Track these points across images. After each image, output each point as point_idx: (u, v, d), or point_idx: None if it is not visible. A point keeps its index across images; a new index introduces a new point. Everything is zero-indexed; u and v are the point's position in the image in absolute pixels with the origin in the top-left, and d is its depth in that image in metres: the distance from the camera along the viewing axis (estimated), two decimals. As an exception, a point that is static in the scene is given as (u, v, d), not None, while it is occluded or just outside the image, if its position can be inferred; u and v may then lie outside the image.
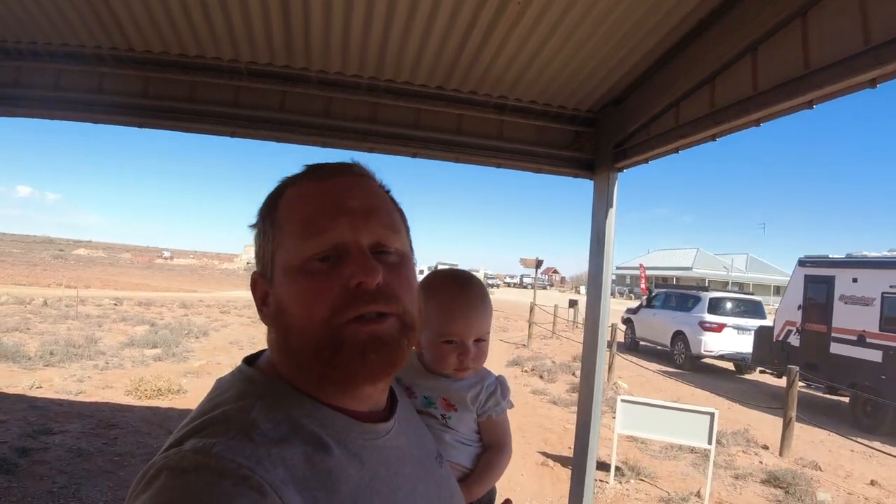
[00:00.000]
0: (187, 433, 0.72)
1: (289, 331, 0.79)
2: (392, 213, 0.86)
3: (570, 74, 3.00)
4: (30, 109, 3.23)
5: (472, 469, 1.29)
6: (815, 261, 12.68)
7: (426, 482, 0.88)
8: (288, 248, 0.80)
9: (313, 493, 0.69)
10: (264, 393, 0.78)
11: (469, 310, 1.29)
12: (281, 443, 0.71)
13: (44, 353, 10.71)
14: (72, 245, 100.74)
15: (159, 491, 0.64)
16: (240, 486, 0.64)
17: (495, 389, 1.32)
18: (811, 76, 2.03)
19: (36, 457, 5.76)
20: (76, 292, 21.56)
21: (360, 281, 0.76)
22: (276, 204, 0.85)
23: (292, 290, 0.78)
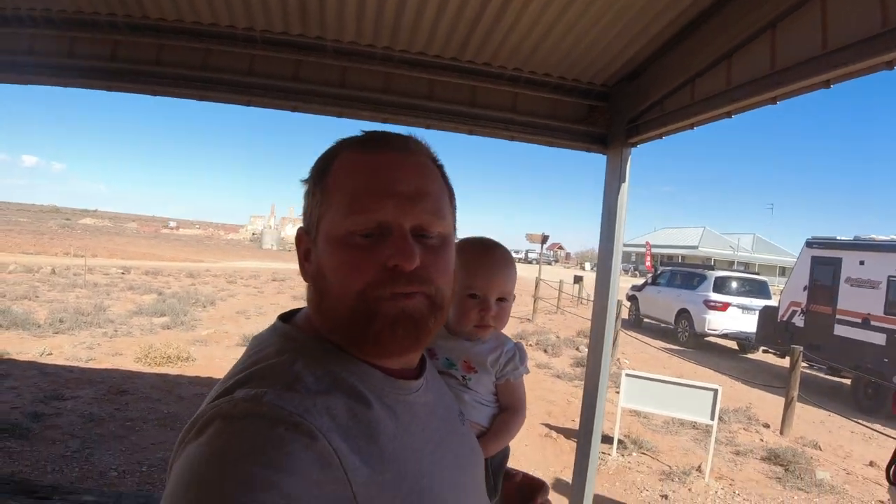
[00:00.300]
0: (234, 384, 0.75)
1: (325, 295, 0.82)
2: (440, 196, 0.87)
3: (586, 48, 2.98)
4: (44, 77, 3.23)
5: (488, 428, 1.34)
6: (822, 242, 12.65)
7: (451, 437, 0.92)
8: (333, 217, 0.82)
9: (356, 442, 0.72)
10: (304, 348, 0.81)
11: (493, 266, 1.34)
12: (324, 394, 0.74)
13: (53, 320, 10.82)
14: (78, 214, 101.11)
15: (213, 437, 0.67)
16: (292, 432, 0.67)
17: (514, 355, 1.37)
18: (829, 56, 2.03)
19: (48, 422, 5.85)
20: (84, 261, 21.72)
21: (398, 263, 0.79)
22: (328, 168, 0.86)
23: (333, 260, 0.81)
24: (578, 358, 11.63)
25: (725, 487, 5.89)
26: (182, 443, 0.72)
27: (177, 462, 0.70)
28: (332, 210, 0.82)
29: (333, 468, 0.68)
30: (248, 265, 34.13)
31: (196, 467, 0.65)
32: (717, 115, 2.66)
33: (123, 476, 4.80)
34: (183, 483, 0.64)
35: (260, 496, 0.61)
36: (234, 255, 44.51)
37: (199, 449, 0.67)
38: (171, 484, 0.67)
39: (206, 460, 0.65)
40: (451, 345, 1.34)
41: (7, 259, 23.23)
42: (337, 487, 0.67)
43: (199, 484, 0.63)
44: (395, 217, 0.81)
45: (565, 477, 5.52)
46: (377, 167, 0.83)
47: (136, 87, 3.19)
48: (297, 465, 0.65)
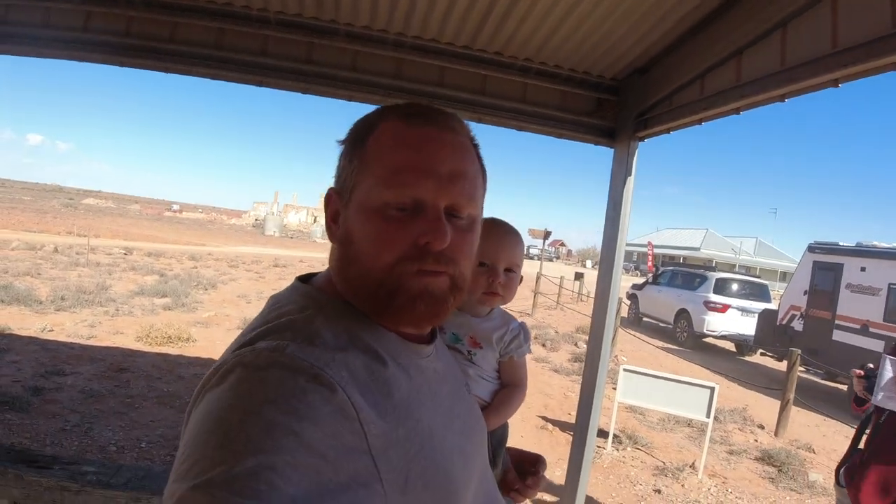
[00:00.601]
0: (256, 336, 0.77)
1: (352, 261, 0.84)
2: (475, 178, 0.89)
3: (598, 41, 3.00)
4: (58, 50, 3.24)
5: (489, 403, 1.37)
6: (824, 247, 12.66)
7: (459, 404, 0.95)
8: (370, 186, 0.83)
9: (373, 397, 0.74)
10: (324, 307, 0.83)
11: (502, 237, 1.40)
12: (342, 350, 0.77)
13: (55, 297, 10.85)
14: (81, 194, 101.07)
15: (235, 384, 0.69)
16: (312, 383, 0.69)
17: (519, 333, 1.40)
18: (838, 55, 2.05)
19: (48, 396, 5.89)
20: (87, 241, 21.73)
21: (429, 242, 0.81)
22: (368, 134, 0.86)
23: (365, 229, 0.83)
24: (577, 353, 11.67)
25: (718, 485, 5.93)
26: (202, 389, 0.74)
27: (197, 407, 0.72)
28: (370, 179, 0.83)
29: (350, 420, 0.70)
30: (250, 250, 34.17)
31: (219, 412, 0.67)
32: (726, 111, 2.67)
33: (122, 451, 4.84)
34: (205, 427, 0.66)
35: (281, 442, 0.63)
36: (236, 240, 44.53)
37: (222, 395, 0.69)
38: (191, 428, 0.69)
39: (230, 405, 0.67)
40: (458, 320, 1.38)
41: (10, 236, 23.27)
42: (353, 439, 0.69)
43: (222, 428, 0.65)
44: (432, 196, 0.82)
45: (560, 468, 5.57)
46: (420, 143, 0.84)
47: (149, 64, 3.20)
48: (316, 415, 0.67)
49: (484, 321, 1.39)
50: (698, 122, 2.90)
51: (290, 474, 0.61)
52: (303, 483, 0.62)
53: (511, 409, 1.40)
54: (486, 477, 0.98)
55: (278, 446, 0.62)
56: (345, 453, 0.68)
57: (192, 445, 0.65)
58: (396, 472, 0.73)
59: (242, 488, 0.59)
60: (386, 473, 0.71)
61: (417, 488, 0.75)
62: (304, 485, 0.62)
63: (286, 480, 0.61)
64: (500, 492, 1.04)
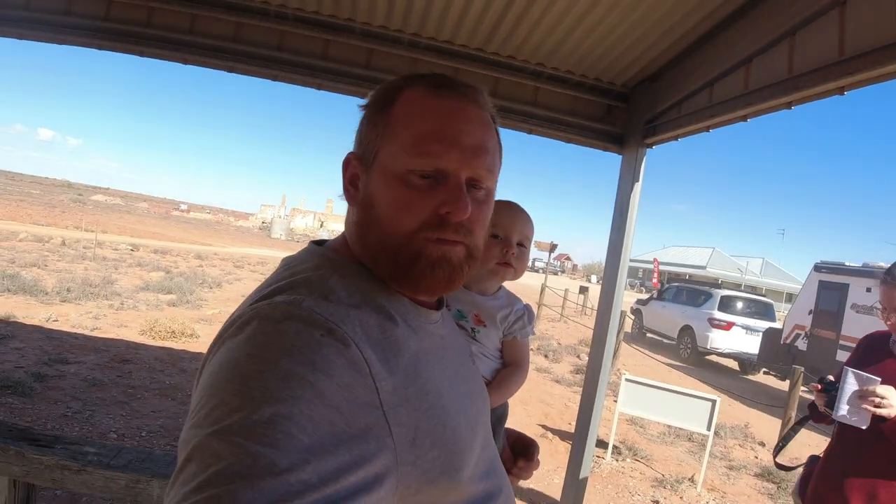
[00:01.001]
0: (272, 291, 0.79)
1: (373, 225, 0.86)
2: (495, 153, 0.91)
3: (609, 48, 3.04)
4: (76, 38, 3.29)
5: (490, 381, 1.39)
6: (830, 267, 12.62)
7: (464, 370, 0.97)
8: (395, 152, 0.85)
9: (384, 354, 0.76)
10: (338, 267, 0.86)
11: (515, 211, 1.43)
12: (356, 308, 0.79)
13: (61, 289, 10.91)
14: (90, 190, 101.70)
15: (253, 334, 0.71)
16: (327, 337, 0.71)
17: (523, 314, 1.42)
18: (844, 63, 2.08)
19: (51, 383, 5.92)
20: (94, 236, 21.86)
21: (451, 212, 0.83)
22: (393, 100, 0.88)
23: (389, 194, 0.85)
24: (578, 365, 11.65)
25: (717, 498, 5.91)
26: (219, 340, 0.76)
27: (213, 357, 0.74)
28: (395, 145, 0.85)
29: (363, 375, 0.72)
30: (256, 252, 34.27)
31: (237, 361, 0.69)
32: (734, 118, 2.70)
33: (122, 439, 4.87)
34: (223, 376, 0.68)
35: (297, 392, 0.65)
36: (242, 242, 44.67)
37: (239, 345, 0.71)
38: (208, 377, 0.70)
39: (247, 355, 0.69)
40: (464, 297, 1.40)
41: (18, 228, 23.42)
42: (365, 393, 0.71)
43: (240, 376, 0.66)
44: (455, 167, 0.84)
45: (559, 476, 5.56)
46: (447, 114, 0.86)
47: (167, 55, 3.26)
48: (331, 368, 0.69)
49: (490, 300, 1.41)
50: (706, 129, 2.93)
51: (306, 424, 0.63)
52: (317, 433, 0.64)
53: (512, 387, 1.42)
54: (489, 444, 0.99)
55: (295, 396, 0.64)
56: (357, 406, 0.69)
57: (209, 393, 0.67)
58: (406, 427, 0.75)
59: (260, 435, 0.60)
60: (396, 428, 0.73)
61: (426, 445, 0.77)
62: (318, 434, 0.64)
63: (301, 429, 0.63)
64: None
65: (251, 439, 0.60)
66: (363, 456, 0.67)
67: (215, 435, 0.62)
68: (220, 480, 0.58)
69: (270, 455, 0.59)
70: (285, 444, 0.61)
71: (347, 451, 0.66)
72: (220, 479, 0.58)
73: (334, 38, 3.22)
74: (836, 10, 2.12)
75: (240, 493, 0.57)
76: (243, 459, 0.59)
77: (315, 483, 0.61)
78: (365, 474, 0.67)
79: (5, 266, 12.64)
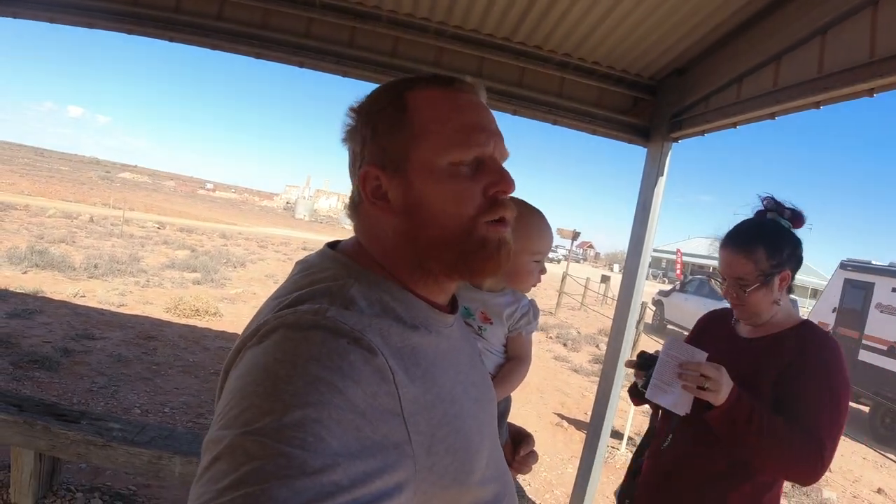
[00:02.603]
0: (295, 300, 0.80)
1: (427, 226, 0.86)
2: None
3: (637, 40, 3.01)
4: (108, 23, 3.33)
5: (494, 376, 1.43)
6: (856, 265, 12.41)
7: (474, 373, 0.99)
8: (435, 149, 0.86)
9: (404, 362, 0.78)
10: (359, 275, 0.86)
11: (550, 233, 1.47)
12: (377, 317, 0.80)
13: (88, 265, 11.12)
14: (118, 168, 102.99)
15: (280, 341, 0.72)
16: (353, 345, 0.72)
17: (529, 310, 1.46)
18: (875, 65, 2.05)
19: (77, 358, 6.07)
20: (122, 213, 22.20)
21: (501, 189, 0.87)
22: (403, 103, 0.89)
23: (440, 189, 0.86)
24: (597, 355, 11.63)
25: (730, 494, 5.91)
26: (242, 349, 0.77)
27: (238, 365, 0.75)
28: (432, 142, 0.86)
29: (388, 382, 0.73)
30: (280, 232, 34.58)
31: (265, 366, 0.70)
32: (761, 115, 2.67)
33: (146, 415, 4.99)
34: (252, 379, 0.69)
35: (326, 396, 0.66)
36: (266, 222, 45.04)
37: (266, 351, 0.72)
38: (235, 382, 0.71)
39: (276, 360, 0.69)
40: (470, 295, 1.43)
41: (47, 204, 23.88)
42: (389, 401, 0.73)
43: (270, 380, 0.67)
44: (491, 150, 0.89)
45: (572, 465, 5.59)
46: (470, 106, 0.90)
47: (195, 40, 3.29)
48: (358, 374, 0.70)
49: (496, 296, 1.43)
50: (733, 125, 2.90)
51: (334, 428, 0.65)
52: (345, 437, 0.65)
53: (516, 381, 1.45)
54: (496, 445, 1.01)
55: (324, 401, 0.66)
56: (381, 413, 0.71)
57: (239, 396, 0.68)
58: (423, 435, 0.76)
59: (291, 438, 0.62)
60: (415, 436, 0.75)
61: (440, 452, 0.79)
62: (346, 439, 0.65)
63: (331, 433, 0.64)
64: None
65: (282, 441, 0.61)
66: (387, 462, 0.69)
67: (247, 436, 0.63)
68: (255, 479, 0.59)
69: (302, 456, 0.61)
70: (316, 447, 0.62)
71: (373, 458, 0.67)
72: (255, 477, 0.59)
73: (361, 25, 3.23)
74: (868, 11, 2.09)
75: (274, 491, 0.58)
76: (276, 459, 0.60)
77: (346, 485, 0.62)
78: (389, 480, 0.68)
79: (34, 242, 12.91)
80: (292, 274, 0.91)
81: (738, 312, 1.85)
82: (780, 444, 1.58)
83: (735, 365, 1.68)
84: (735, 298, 1.79)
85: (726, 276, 1.79)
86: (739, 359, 1.76)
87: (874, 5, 2.06)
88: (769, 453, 1.60)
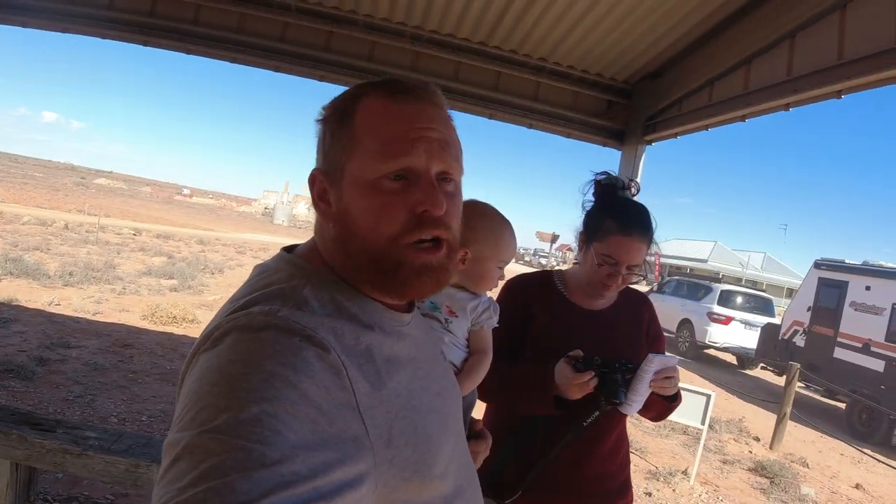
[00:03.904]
0: (247, 302, 0.80)
1: (352, 236, 0.86)
2: (459, 146, 0.93)
3: (611, 44, 3.05)
4: (82, 27, 3.30)
5: (460, 369, 1.47)
6: (830, 264, 12.63)
7: (435, 369, 1.00)
8: (363, 161, 0.85)
9: (358, 360, 0.79)
10: (311, 276, 0.87)
11: (514, 240, 1.53)
12: (330, 316, 0.81)
13: (63, 273, 10.95)
14: (93, 174, 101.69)
15: (233, 343, 0.72)
16: (306, 342, 0.73)
17: (490, 305, 1.51)
18: (843, 67, 2.10)
19: (53, 367, 5.96)
20: (97, 220, 21.90)
21: (427, 209, 0.84)
22: (352, 111, 0.89)
23: (362, 203, 0.85)
24: (577, 357, 11.67)
25: (710, 492, 5.97)
26: (197, 353, 0.77)
27: (192, 369, 0.76)
28: (363, 154, 0.86)
29: (342, 378, 0.74)
30: (258, 238, 34.34)
31: (220, 367, 0.70)
32: (733, 117, 2.73)
33: (123, 423, 4.92)
34: (207, 380, 0.69)
35: (282, 392, 0.67)
36: (244, 227, 44.71)
37: (220, 353, 0.72)
38: (191, 385, 0.71)
39: (230, 360, 0.70)
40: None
41: (22, 211, 23.47)
42: (344, 395, 0.74)
43: (225, 379, 0.68)
44: (424, 163, 0.85)
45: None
46: (408, 114, 0.88)
47: (171, 45, 3.28)
48: (311, 370, 0.71)
49: (459, 292, 1.49)
50: (705, 127, 2.96)
51: (291, 422, 0.66)
52: (302, 430, 0.66)
53: (480, 374, 1.49)
54: (461, 439, 1.02)
55: (279, 396, 0.66)
56: (336, 407, 0.72)
57: (194, 398, 0.68)
58: (381, 428, 0.77)
59: (249, 433, 0.63)
60: (372, 429, 0.76)
61: (400, 445, 0.80)
62: (303, 432, 0.66)
63: (288, 427, 0.65)
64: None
65: (240, 436, 0.62)
66: (346, 454, 0.70)
67: (204, 434, 0.63)
68: (216, 474, 0.59)
69: (261, 449, 0.62)
70: (273, 440, 0.63)
71: (330, 450, 0.68)
72: (215, 472, 0.59)
73: (337, 29, 3.24)
74: (836, 14, 2.14)
75: (236, 483, 0.59)
76: (235, 454, 0.61)
77: (306, 474, 0.63)
78: (349, 471, 0.69)
79: (8, 249, 12.68)
80: (249, 277, 0.91)
81: (608, 293, 1.83)
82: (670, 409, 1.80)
83: (611, 337, 1.80)
84: (620, 284, 1.77)
85: (623, 262, 1.73)
86: (614, 331, 1.84)
87: (842, 9, 2.12)
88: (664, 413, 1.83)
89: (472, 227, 1.41)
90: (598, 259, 1.74)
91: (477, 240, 1.42)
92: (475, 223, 1.43)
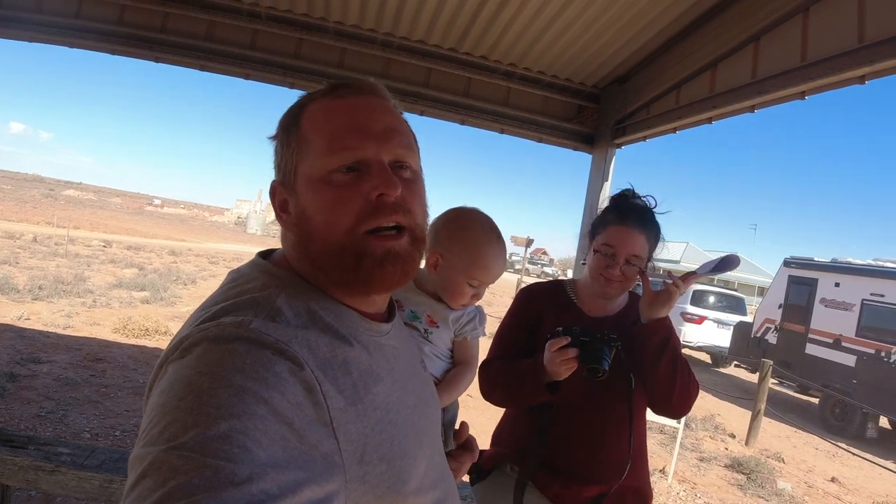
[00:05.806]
0: (219, 311, 0.78)
1: (311, 237, 0.85)
2: (409, 134, 0.92)
3: (580, 49, 3.09)
4: (49, 36, 3.25)
5: (440, 380, 1.43)
6: (799, 262, 12.84)
7: (414, 380, 0.98)
8: (313, 160, 0.85)
9: (333, 373, 0.78)
10: (286, 285, 0.85)
11: (499, 260, 1.41)
12: (304, 328, 0.79)
13: (32, 286, 10.74)
14: (62, 185, 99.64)
15: (202, 354, 0.70)
16: (278, 356, 0.71)
17: (475, 316, 1.46)
18: (806, 69, 2.15)
19: (24, 383, 5.85)
20: (66, 232, 21.50)
21: (382, 192, 0.83)
22: (298, 117, 0.89)
23: (316, 200, 0.84)
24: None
25: (687, 489, 6.03)
26: (165, 362, 0.74)
27: (160, 380, 0.73)
28: (312, 153, 0.85)
29: (315, 393, 0.73)
30: (231, 248, 33.97)
31: (188, 379, 0.68)
32: (699, 120, 2.77)
33: (96, 438, 4.84)
34: (175, 394, 0.67)
35: (252, 407, 0.65)
36: (217, 237, 44.19)
37: (189, 364, 0.70)
38: (158, 397, 0.69)
39: (199, 373, 0.68)
40: (418, 299, 1.43)
41: (-12, 224, 22.98)
42: (316, 411, 0.72)
43: (193, 393, 0.65)
44: (374, 152, 0.85)
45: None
46: (351, 108, 0.88)
47: (139, 53, 3.24)
48: (283, 385, 0.69)
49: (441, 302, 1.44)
50: (673, 130, 3.01)
51: (261, 439, 0.64)
52: (272, 448, 0.64)
53: (462, 386, 1.45)
54: (438, 451, 1.01)
55: (249, 412, 0.65)
56: (308, 423, 0.70)
57: (161, 412, 0.66)
58: (354, 444, 0.76)
59: (217, 450, 0.61)
60: (345, 445, 0.74)
61: (373, 461, 0.78)
62: (273, 450, 0.64)
63: (257, 444, 0.63)
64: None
65: (208, 454, 0.60)
66: (316, 472, 0.68)
67: (171, 451, 0.61)
68: (182, 493, 0.57)
69: (229, 467, 0.60)
70: (242, 458, 0.61)
71: (300, 469, 0.66)
72: (182, 491, 0.58)
73: (307, 36, 3.23)
74: (799, 17, 2.19)
75: (203, 503, 0.57)
76: (203, 472, 0.59)
77: (275, 493, 0.61)
78: (319, 490, 0.68)
79: (-26, 263, 12.42)
80: (223, 283, 0.89)
81: (610, 290, 1.83)
82: (683, 371, 1.74)
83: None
84: (621, 276, 1.79)
85: (621, 252, 1.77)
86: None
87: (805, 11, 2.17)
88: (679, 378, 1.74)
89: (450, 235, 1.37)
90: (598, 250, 1.79)
91: (451, 249, 1.37)
92: (454, 232, 1.38)
